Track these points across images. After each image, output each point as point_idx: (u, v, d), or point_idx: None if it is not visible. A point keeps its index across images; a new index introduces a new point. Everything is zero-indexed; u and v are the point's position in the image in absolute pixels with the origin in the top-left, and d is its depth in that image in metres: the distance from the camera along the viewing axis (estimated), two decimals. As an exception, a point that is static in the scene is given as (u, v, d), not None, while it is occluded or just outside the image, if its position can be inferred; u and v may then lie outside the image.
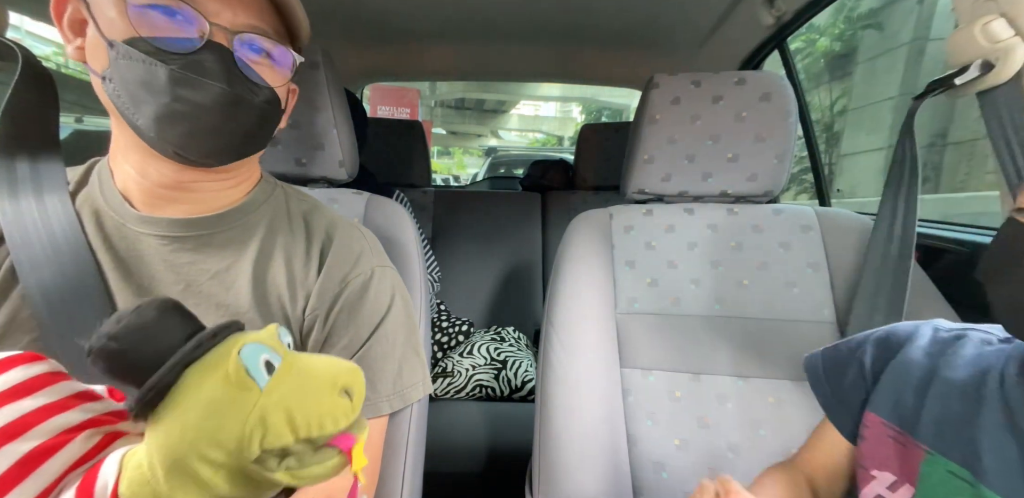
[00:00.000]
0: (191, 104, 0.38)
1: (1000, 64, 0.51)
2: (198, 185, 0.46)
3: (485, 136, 19.41)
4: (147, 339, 0.23)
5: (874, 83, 4.74)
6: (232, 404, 0.23)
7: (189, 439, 0.23)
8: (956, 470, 0.37)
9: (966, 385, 0.39)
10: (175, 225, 0.45)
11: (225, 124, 0.40)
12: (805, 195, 4.08)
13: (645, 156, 0.77)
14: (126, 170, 0.45)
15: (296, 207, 0.53)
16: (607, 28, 1.27)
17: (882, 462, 0.42)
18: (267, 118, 0.44)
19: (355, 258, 0.52)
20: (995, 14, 0.51)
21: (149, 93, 0.37)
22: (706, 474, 0.66)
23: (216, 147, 0.41)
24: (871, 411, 0.45)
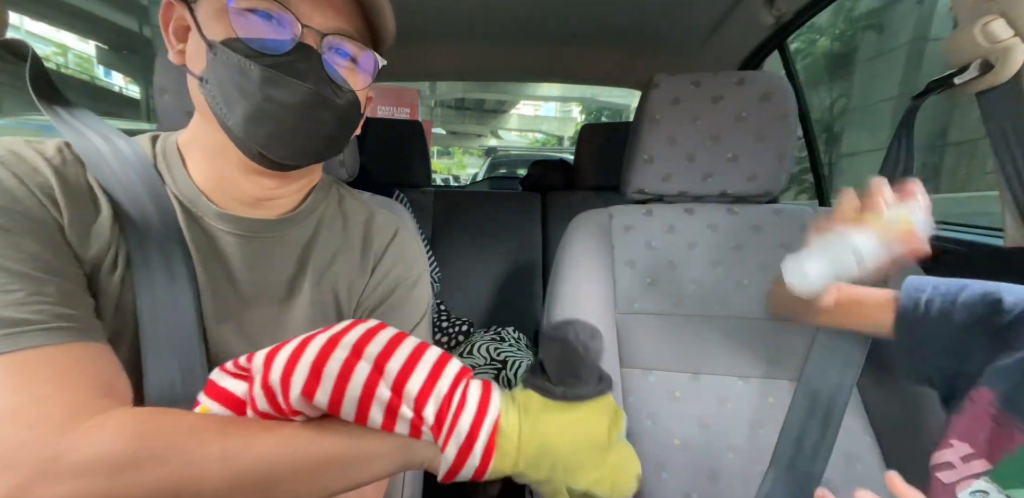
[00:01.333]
0: (278, 104, 0.39)
1: (1000, 64, 0.51)
2: (276, 192, 0.47)
3: (485, 136, 19.42)
4: (595, 358, 0.29)
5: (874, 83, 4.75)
6: (600, 452, 0.30)
7: (563, 441, 0.30)
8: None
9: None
10: (253, 225, 0.46)
11: (308, 125, 0.41)
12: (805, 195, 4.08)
13: (645, 156, 0.77)
14: (205, 169, 0.45)
15: (352, 209, 0.55)
16: (607, 28, 1.27)
17: (967, 435, 0.42)
18: (347, 122, 0.45)
19: (410, 261, 0.55)
20: (995, 14, 0.51)
21: (241, 93, 0.39)
22: (706, 474, 0.66)
23: (298, 148, 0.42)
24: (986, 387, 0.43)
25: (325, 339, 0.29)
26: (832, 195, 1.32)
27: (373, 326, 0.31)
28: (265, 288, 0.47)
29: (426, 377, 0.29)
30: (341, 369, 0.28)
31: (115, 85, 8.45)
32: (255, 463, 0.28)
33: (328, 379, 0.27)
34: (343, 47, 0.42)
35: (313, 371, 0.27)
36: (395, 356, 0.29)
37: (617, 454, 0.31)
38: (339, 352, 0.28)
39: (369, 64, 0.45)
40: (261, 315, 0.46)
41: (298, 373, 0.28)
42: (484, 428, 0.29)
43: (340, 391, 0.27)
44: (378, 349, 0.29)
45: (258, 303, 0.46)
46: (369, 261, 0.52)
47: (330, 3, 0.41)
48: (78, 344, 0.33)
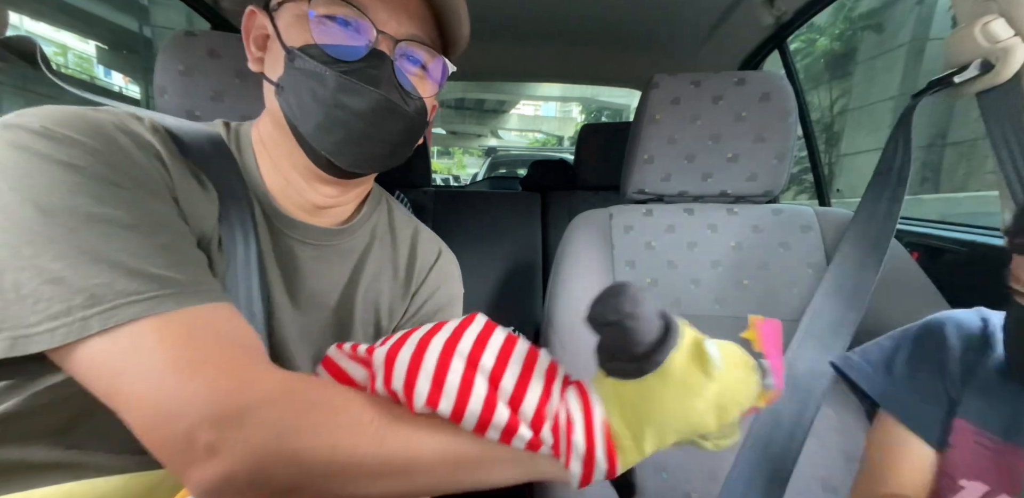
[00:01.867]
0: (349, 111, 0.39)
1: (1000, 64, 0.51)
2: (336, 200, 0.47)
3: (485, 136, 19.42)
4: (650, 320, 0.28)
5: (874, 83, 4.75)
6: (703, 391, 0.29)
7: (670, 413, 0.29)
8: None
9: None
10: (315, 232, 0.47)
11: (376, 132, 0.41)
12: (805, 195, 4.08)
13: (645, 156, 0.77)
14: (271, 172, 0.45)
15: (401, 223, 0.56)
16: (607, 28, 1.27)
17: (974, 472, 0.40)
18: (414, 130, 0.45)
19: (451, 284, 0.58)
20: (995, 14, 0.51)
21: (315, 99, 0.39)
22: (706, 474, 0.66)
23: (365, 156, 0.42)
24: (963, 418, 0.42)
25: (442, 345, 0.30)
26: (832, 195, 1.32)
27: (483, 330, 0.32)
28: (320, 296, 0.47)
29: (540, 395, 0.30)
30: (461, 384, 0.28)
31: (115, 85, 8.46)
32: (403, 444, 0.29)
33: (449, 393, 0.28)
34: (415, 54, 0.43)
35: (435, 383, 0.28)
36: (508, 371, 0.30)
37: (719, 383, 0.30)
38: (456, 363, 0.29)
39: (438, 71, 0.45)
40: (311, 322, 0.46)
41: (420, 383, 0.29)
42: (598, 438, 0.30)
43: (462, 405, 0.28)
44: (491, 361, 0.30)
45: (310, 310, 0.46)
46: (412, 281, 0.53)
47: (405, 9, 0.41)
48: (221, 304, 0.33)
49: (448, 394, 0.28)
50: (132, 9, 6.96)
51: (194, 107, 0.68)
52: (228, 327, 0.32)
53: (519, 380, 0.30)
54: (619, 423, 0.30)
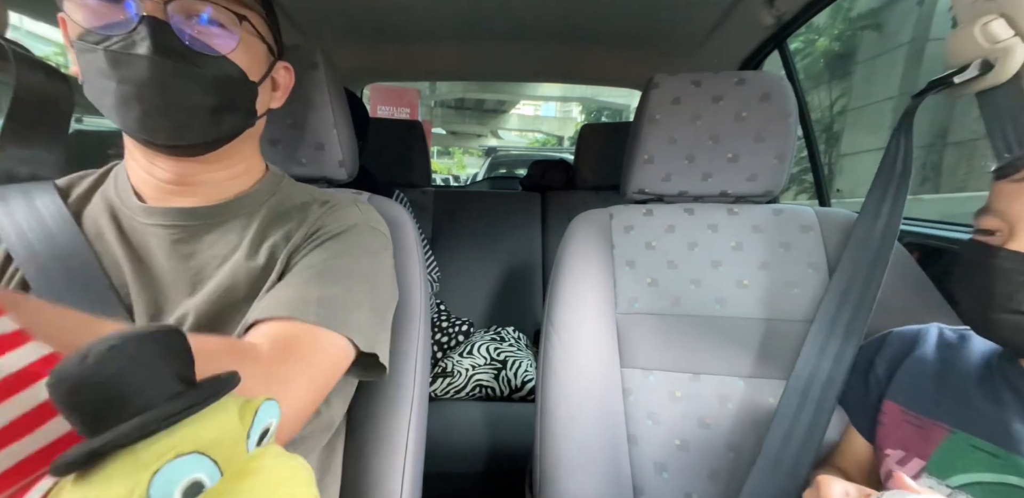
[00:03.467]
0: (134, 83, 0.38)
1: (1000, 64, 0.51)
2: (199, 178, 0.47)
3: (485, 136, 19.41)
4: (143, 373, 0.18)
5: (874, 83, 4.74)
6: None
7: None
8: (980, 444, 0.42)
9: (980, 371, 0.45)
10: (177, 214, 0.46)
11: (174, 99, 0.39)
12: (805, 195, 4.08)
13: (645, 156, 0.77)
14: (135, 168, 0.47)
15: (299, 197, 0.54)
16: (607, 28, 1.27)
17: (896, 442, 0.48)
18: (227, 90, 0.42)
19: (343, 215, 0.51)
20: (995, 14, 0.51)
21: (102, 82, 0.38)
22: (706, 474, 0.66)
23: (176, 126, 0.41)
24: (890, 400, 0.51)
25: None
26: (832, 195, 1.32)
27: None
28: (198, 275, 0.46)
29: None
30: None
31: (115, 85, 8.44)
32: None
33: None
34: (198, 11, 0.40)
35: None
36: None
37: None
38: None
39: (233, 22, 0.42)
40: (193, 301, 0.45)
41: None
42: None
43: None
44: None
45: (189, 290, 0.46)
46: (301, 227, 0.50)
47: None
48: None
49: None
50: (132, 9, 6.95)
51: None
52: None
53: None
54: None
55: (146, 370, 0.17)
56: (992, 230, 0.41)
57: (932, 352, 0.50)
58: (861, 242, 0.66)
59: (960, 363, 0.48)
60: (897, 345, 0.54)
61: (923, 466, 0.45)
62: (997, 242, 0.41)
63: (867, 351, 0.58)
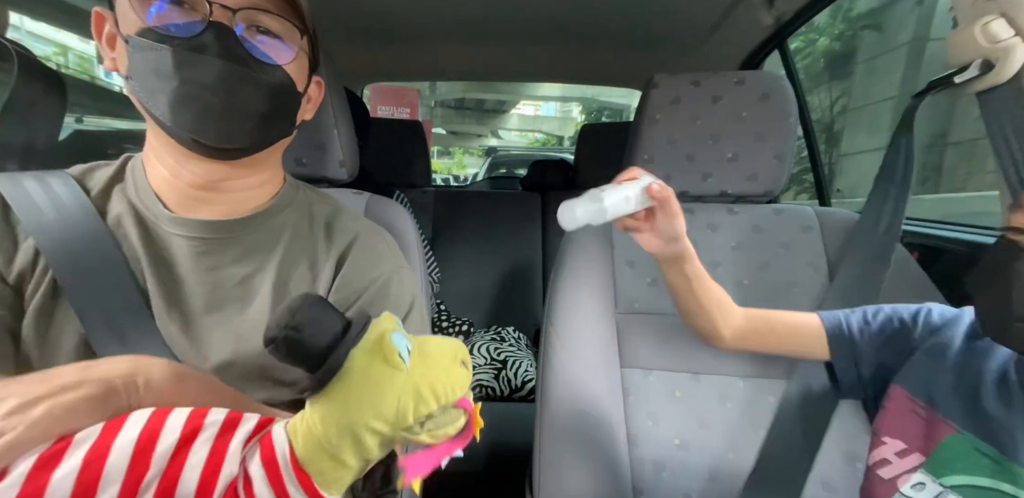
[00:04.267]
0: (198, 85, 0.39)
1: (1000, 64, 0.51)
2: (227, 184, 0.46)
3: (485, 136, 19.41)
4: (319, 328, 0.27)
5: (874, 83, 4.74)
6: (391, 382, 0.28)
7: (361, 410, 0.28)
8: (984, 448, 0.41)
9: (998, 373, 0.43)
10: (205, 227, 0.46)
11: (233, 103, 0.41)
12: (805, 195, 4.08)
13: (645, 156, 0.77)
14: (160, 171, 0.46)
15: (319, 210, 0.54)
16: (607, 28, 1.27)
17: (898, 432, 0.46)
18: (280, 99, 0.44)
19: (377, 258, 0.53)
20: (995, 14, 0.51)
21: (160, 80, 0.39)
22: (706, 474, 0.66)
23: (229, 129, 0.42)
24: (899, 384, 0.48)
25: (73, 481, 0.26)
26: (832, 195, 1.32)
27: (106, 427, 0.28)
28: (221, 291, 0.46)
29: (200, 475, 0.27)
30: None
31: (115, 85, 8.45)
32: None
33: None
34: (260, 22, 0.42)
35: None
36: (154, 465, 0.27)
37: (411, 372, 0.29)
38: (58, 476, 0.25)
39: (293, 36, 0.44)
40: (216, 319, 0.46)
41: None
42: (286, 479, 0.28)
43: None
44: (124, 461, 0.26)
45: (212, 306, 0.46)
46: (332, 262, 0.51)
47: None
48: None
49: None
50: (132, 9, 6.95)
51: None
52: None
53: (167, 472, 0.27)
54: (307, 447, 0.28)
55: (327, 311, 0.28)
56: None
57: (961, 338, 0.46)
58: (863, 242, 0.66)
59: (982, 360, 0.44)
60: (929, 322, 0.49)
61: (922, 462, 0.44)
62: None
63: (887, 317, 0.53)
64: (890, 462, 0.45)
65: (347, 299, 0.50)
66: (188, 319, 0.45)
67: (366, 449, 0.29)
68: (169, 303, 0.45)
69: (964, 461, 0.41)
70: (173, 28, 0.39)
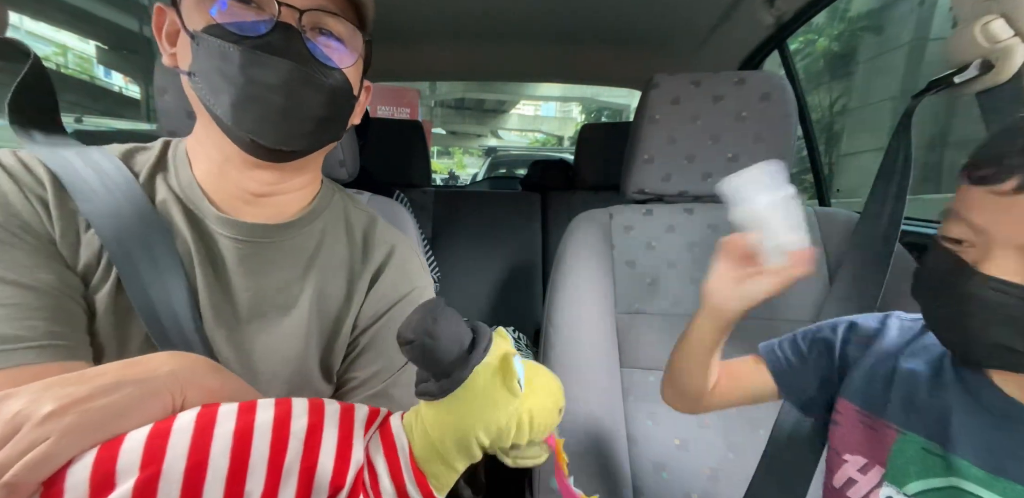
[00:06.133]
0: (262, 85, 0.39)
1: (1000, 64, 0.51)
2: (275, 188, 0.46)
3: (485, 136, 19.42)
4: (452, 338, 0.28)
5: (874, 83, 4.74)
6: (505, 404, 0.30)
7: (473, 423, 0.30)
8: (928, 446, 0.39)
9: (928, 369, 0.42)
10: (251, 230, 0.45)
11: (294, 105, 0.40)
12: (805, 195, 4.08)
13: (645, 156, 0.77)
14: (207, 168, 0.45)
15: (356, 218, 0.54)
16: (607, 28, 1.27)
17: (854, 446, 0.45)
18: (338, 103, 0.44)
19: (412, 272, 0.54)
20: (995, 14, 0.51)
21: (225, 79, 0.39)
22: (706, 474, 0.66)
23: (288, 131, 0.41)
24: (844, 398, 0.47)
25: (186, 454, 0.25)
26: (832, 195, 1.32)
27: (240, 416, 0.28)
28: (262, 296, 0.46)
29: (333, 464, 0.28)
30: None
31: (115, 85, 8.46)
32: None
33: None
34: (325, 24, 0.42)
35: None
36: (290, 454, 0.27)
37: (522, 401, 0.31)
38: (211, 476, 0.25)
39: (355, 41, 0.44)
40: (257, 325, 0.45)
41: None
42: (406, 476, 0.30)
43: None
44: (265, 451, 0.27)
45: (255, 312, 0.45)
46: (368, 274, 0.51)
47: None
48: (65, 363, 0.33)
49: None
50: (132, 9, 6.95)
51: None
52: None
53: (304, 461, 0.28)
54: (424, 449, 0.30)
55: (459, 322, 0.29)
56: (960, 239, 0.35)
57: (891, 345, 0.46)
58: (863, 243, 0.66)
59: (912, 358, 0.44)
60: (859, 335, 0.49)
61: (883, 474, 0.42)
62: (969, 258, 0.34)
63: (816, 339, 0.52)
64: (856, 481, 0.44)
65: (379, 311, 0.50)
66: (232, 326, 0.44)
67: (472, 456, 0.31)
68: (216, 307, 0.44)
69: (916, 464, 0.40)
70: (241, 26, 0.39)
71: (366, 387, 0.48)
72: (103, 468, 0.24)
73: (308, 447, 0.28)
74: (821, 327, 0.53)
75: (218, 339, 0.43)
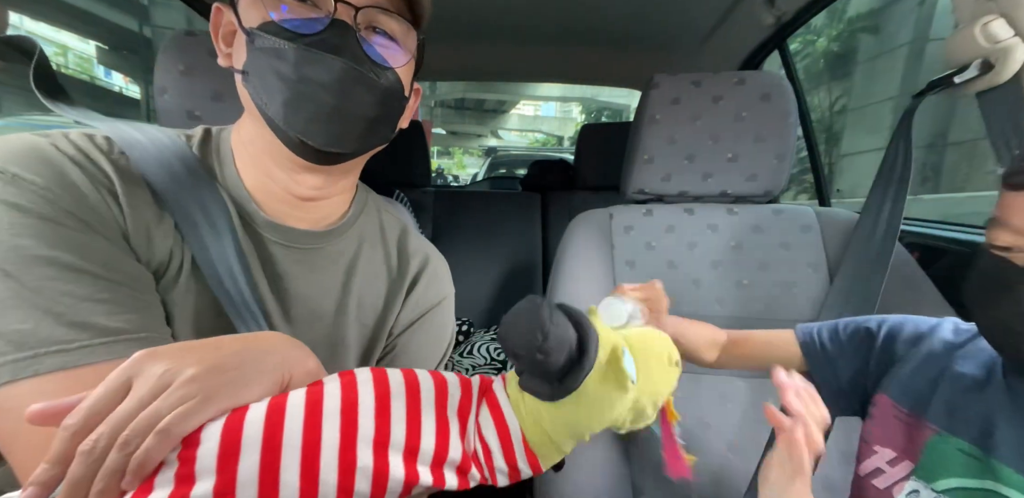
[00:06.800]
0: (315, 84, 0.38)
1: (1000, 64, 0.51)
2: (321, 192, 0.45)
3: (485, 136, 19.41)
4: (560, 348, 0.28)
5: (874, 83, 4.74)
6: (620, 402, 0.31)
7: (589, 423, 0.31)
8: (966, 448, 0.40)
9: (978, 376, 0.43)
10: (299, 236, 0.45)
11: (347, 105, 0.39)
12: (805, 195, 4.08)
13: (645, 156, 0.77)
14: (256, 175, 0.44)
15: (389, 224, 0.55)
16: (607, 28, 1.27)
17: (886, 439, 0.46)
18: (389, 104, 0.43)
19: (443, 282, 0.56)
20: (995, 14, 0.51)
21: (279, 78, 0.38)
22: (706, 474, 0.66)
23: (338, 132, 0.40)
24: (883, 393, 0.48)
25: (301, 428, 0.26)
26: (832, 195, 1.32)
27: (343, 392, 0.29)
28: (308, 302, 0.46)
29: (436, 441, 0.30)
30: (340, 475, 0.26)
31: (115, 85, 8.45)
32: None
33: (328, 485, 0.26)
34: (379, 22, 0.41)
35: (306, 477, 0.26)
36: (395, 431, 0.28)
37: (635, 392, 0.32)
38: (326, 454, 0.26)
39: (409, 40, 0.43)
40: (302, 330, 0.45)
41: (287, 477, 0.25)
42: (519, 456, 0.31)
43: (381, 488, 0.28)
44: (371, 428, 0.28)
45: (300, 317, 0.45)
46: (405, 283, 0.52)
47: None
48: None
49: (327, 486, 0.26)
50: (132, 9, 6.95)
51: (194, 107, 0.69)
52: None
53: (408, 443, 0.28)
54: (537, 434, 0.31)
55: (564, 327, 0.28)
56: (1009, 246, 0.36)
57: (941, 348, 0.47)
58: (863, 242, 0.66)
59: (960, 362, 0.45)
60: (910, 334, 0.50)
61: (912, 469, 0.43)
62: (1020, 260, 0.35)
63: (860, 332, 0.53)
64: (883, 471, 0.45)
65: (411, 318, 0.52)
66: (293, 329, 0.45)
67: (581, 440, 0.33)
68: (281, 307, 0.44)
69: (950, 463, 0.41)
70: (296, 24, 0.38)
71: None
72: (232, 435, 0.25)
73: (410, 424, 0.29)
74: (869, 319, 0.53)
75: None
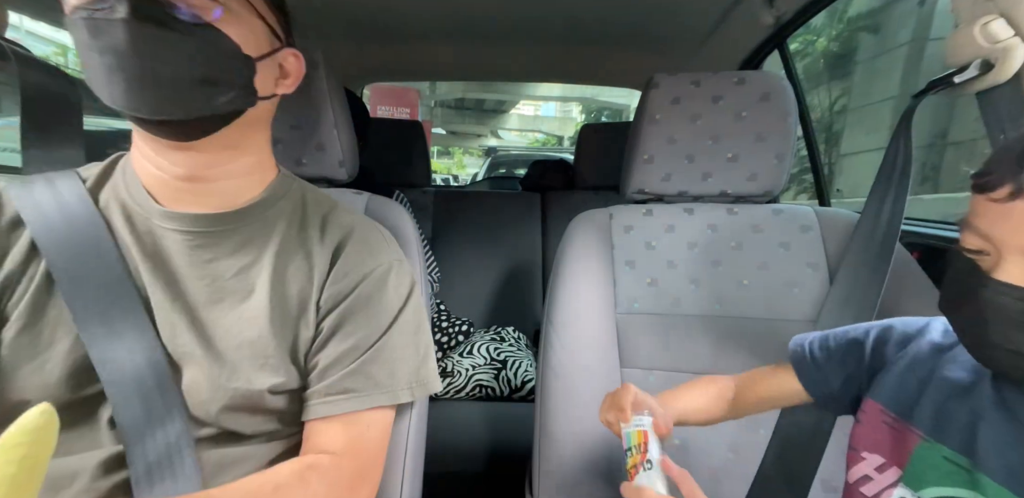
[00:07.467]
0: (114, 52, 0.36)
1: (999, 64, 0.51)
2: (211, 173, 0.46)
3: (485, 136, 19.40)
4: None
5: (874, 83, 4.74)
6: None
7: None
8: (951, 456, 0.39)
9: (965, 381, 0.42)
10: (197, 221, 0.46)
11: (156, 69, 0.38)
12: (805, 195, 4.08)
13: (645, 156, 0.77)
14: (145, 166, 0.46)
15: (313, 204, 0.54)
16: (607, 28, 1.27)
17: (874, 445, 0.45)
18: (216, 62, 0.40)
19: (374, 249, 0.52)
20: (995, 14, 0.51)
21: (87, 56, 0.37)
22: (706, 474, 0.66)
23: (158, 98, 0.39)
24: (871, 398, 0.47)
25: None
26: (832, 195, 1.32)
27: None
28: (218, 284, 0.47)
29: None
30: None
31: (115, 85, 8.44)
32: None
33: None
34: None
35: None
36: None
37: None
38: None
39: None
40: (217, 312, 0.46)
41: None
42: None
43: None
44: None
45: (212, 298, 0.46)
46: (327, 254, 0.50)
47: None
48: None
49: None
50: (132, 9, 6.94)
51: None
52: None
53: None
54: None
55: None
56: (979, 250, 0.36)
57: (929, 349, 0.46)
58: (863, 243, 0.66)
59: (949, 366, 0.44)
60: (898, 336, 0.49)
61: (900, 475, 0.42)
62: (986, 265, 0.35)
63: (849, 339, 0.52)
64: (871, 478, 0.45)
65: (343, 291, 0.49)
66: (194, 313, 0.46)
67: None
68: (171, 297, 0.45)
69: (936, 471, 0.40)
70: (93, 2, 0.37)
71: (339, 365, 0.48)
72: None
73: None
74: (858, 328, 0.53)
75: (180, 326, 0.45)
